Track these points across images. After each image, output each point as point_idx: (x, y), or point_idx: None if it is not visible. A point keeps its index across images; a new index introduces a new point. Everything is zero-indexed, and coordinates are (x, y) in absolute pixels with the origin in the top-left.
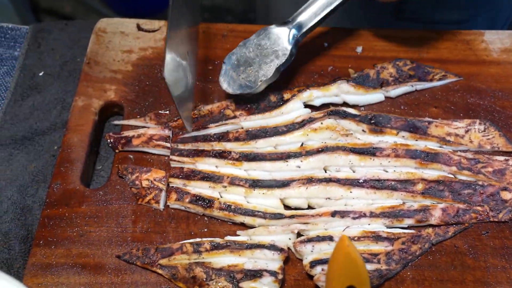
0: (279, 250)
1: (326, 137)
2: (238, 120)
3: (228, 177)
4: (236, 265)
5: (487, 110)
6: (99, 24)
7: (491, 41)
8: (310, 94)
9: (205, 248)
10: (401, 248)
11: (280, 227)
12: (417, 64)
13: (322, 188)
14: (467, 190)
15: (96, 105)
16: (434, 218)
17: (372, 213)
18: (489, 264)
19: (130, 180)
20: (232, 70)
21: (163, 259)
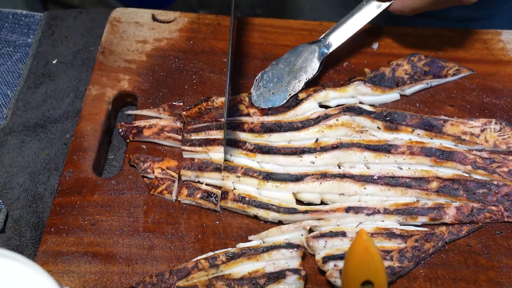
0: (296, 247)
1: (341, 134)
2: (251, 119)
3: (242, 168)
4: (257, 271)
5: (503, 110)
6: (114, 13)
7: (508, 41)
8: (326, 95)
9: (222, 261)
10: (414, 245)
11: (293, 225)
12: (431, 59)
13: (336, 183)
14: (482, 190)
15: (110, 94)
16: (448, 217)
17: (386, 210)
18: (502, 264)
19: (141, 168)
20: (263, 86)
21: (181, 281)
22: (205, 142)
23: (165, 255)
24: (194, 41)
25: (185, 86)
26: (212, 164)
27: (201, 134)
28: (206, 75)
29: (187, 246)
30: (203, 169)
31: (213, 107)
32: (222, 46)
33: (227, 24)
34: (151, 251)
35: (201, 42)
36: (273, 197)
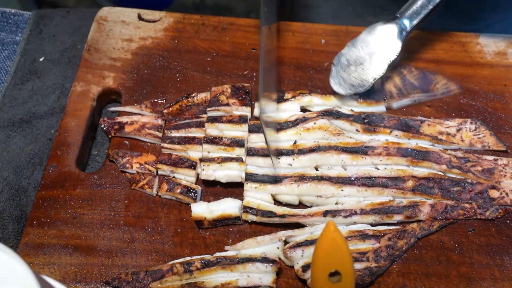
0: (272, 262)
1: (318, 137)
2: (230, 108)
3: (219, 158)
4: (229, 283)
5: (478, 111)
6: (101, 12)
7: (485, 43)
8: (310, 100)
9: (196, 267)
10: (388, 244)
11: (269, 236)
12: (421, 71)
13: (314, 185)
14: (456, 188)
15: (95, 91)
16: (423, 214)
17: (363, 210)
18: (474, 260)
19: (120, 163)
20: (343, 70)
21: (154, 282)
22: (185, 140)
23: (144, 248)
24: (178, 40)
25: (169, 84)
26: (187, 161)
27: (181, 131)
28: (189, 73)
29: (167, 239)
30: (178, 165)
31: (193, 103)
32: (206, 46)
33: (212, 24)
34: (131, 244)
35: (185, 41)
36: (252, 197)
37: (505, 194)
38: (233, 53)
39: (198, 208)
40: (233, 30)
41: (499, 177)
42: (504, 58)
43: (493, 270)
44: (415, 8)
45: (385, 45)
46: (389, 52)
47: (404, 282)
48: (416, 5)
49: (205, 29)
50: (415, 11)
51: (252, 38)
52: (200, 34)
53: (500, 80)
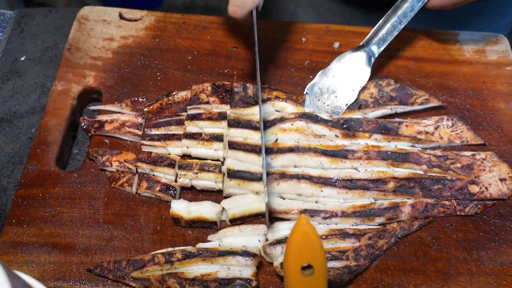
0: (252, 256)
1: (294, 138)
2: (211, 106)
3: (197, 164)
4: (209, 274)
5: (457, 108)
6: (82, 11)
7: (465, 41)
8: (285, 107)
9: (177, 258)
10: (368, 243)
11: (251, 226)
12: (401, 85)
13: (294, 184)
14: (437, 186)
15: (75, 90)
16: (404, 215)
17: (344, 213)
18: (451, 255)
19: (100, 162)
20: (316, 99)
21: (135, 272)
22: (164, 137)
23: (123, 246)
24: (159, 39)
25: (150, 83)
26: (167, 159)
27: (161, 129)
28: (170, 72)
29: (146, 237)
30: (157, 163)
31: (174, 101)
32: (187, 44)
33: (193, 23)
34: (110, 242)
35: (166, 40)
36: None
37: (485, 188)
38: (214, 52)
39: (177, 205)
40: (214, 29)
41: (479, 172)
42: (483, 55)
43: (470, 265)
44: (381, 35)
45: (355, 73)
46: (359, 79)
47: (382, 278)
48: (382, 33)
49: (186, 28)
50: (382, 38)
51: (233, 36)
52: (181, 32)
53: (479, 78)
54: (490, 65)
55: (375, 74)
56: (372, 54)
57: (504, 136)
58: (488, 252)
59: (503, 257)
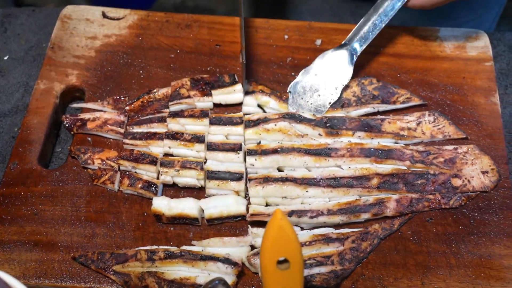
0: (233, 264)
1: (278, 138)
2: (192, 100)
3: (179, 161)
4: (188, 278)
5: (438, 103)
6: (65, 10)
7: (445, 37)
8: (268, 102)
9: (159, 257)
10: (352, 246)
11: (236, 238)
12: (383, 84)
13: (279, 187)
14: (420, 180)
15: (58, 89)
16: (390, 210)
17: (330, 211)
18: (430, 249)
19: (82, 159)
20: (300, 97)
21: (117, 265)
22: (146, 136)
23: (105, 243)
24: (142, 38)
25: (132, 81)
26: (149, 156)
27: (143, 127)
28: (153, 70)
29: (128, 234)
30: (139, 160)
31: (155, 99)
32: (169, 42)
33: (176, 21)
34: (92, 239)
35: (149, 38)
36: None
37: (467, 182)
38: (196, 50)
39: (159, 202)
40: (196, 27)
41: (461, 165)
42: (463, 51)
43: (449, 258)
44: (363, 33)
45: (337, 71)
46: (342, 77)
47: (362, 272)
48: (363, 31)
49: (169, 26)
50: (363, 37)
51: (215, 34)
52: (164, 31)
53: (459, 73)
54: (470, 61)
55: (357, 71)
56: (355, 52)
57: (484, 130)
58: (467, 245)
59: (482, 249)
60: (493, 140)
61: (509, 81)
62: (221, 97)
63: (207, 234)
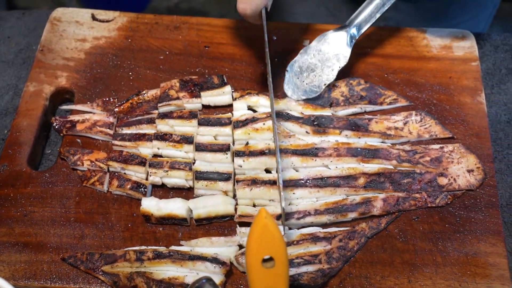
0: (221, 264)
1: (267, 137)
2: (181, 101)
3: (168, 162)
4: (176, 278)
5: (424, 103)
6: (55, 13)
7: (432, 38)
8: (257, 101)
9: (148, 257)
10: (339, 245)
11: (224, 238)
12: (370, 85)
13: (266, 190)
14: (407, 179)
15: (47, 91)
16: (376, 209)
17: (317, 211)
18: (417, 247)
19: (72, 161)
20: (296, 77)
21: (106, 266)
22: (135, 137)
23: (95, 243)
24: (132, 39)
25: (122, 83)
26: (138, 157)
27: (132, 128)
28: (142, 71)
29: (117, 235)
30: (128, 162)
31: (144, 100)
32: (158, 44)
33: (165, 23)
34: (81, 240)
35: (138, 40)
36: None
37: (453, 180)
38: (185, 51)
39: (147, 203)
40: (185, 29)
41: (447, 164)
42: (449, 51)
43: (435, 256)
44: (364, 17)
45: (335, 52)
46: (339, 59)
47: (349, 270)
48: (364, 14)
49: (158, 28)
50: (364, 20)
51: (204, 36)
52: (153, 33)
53: (445, 73)
54: (456, 61)
55: (345, 71)
56: (354, 35)
57: (470, 129)
58: (454, 243)
59: (468, 247)
60: (479, 139)
61: (495, 80)
62: (210, 98)
63: (196, 234)
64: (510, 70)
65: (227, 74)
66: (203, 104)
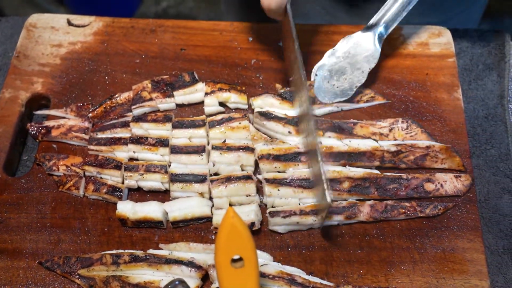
0: (197, 268)
1: (242, 136)
2: (155, 102)
3: (143, 165)
4: (152, 282)
5: (401, 100)
6: (30, 19)
7: (408, 35)
8: (229, 97)
9: (124, 260)
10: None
11: (202, 245)
12: None
13: (241, 185)
14: (392, 185)
15: (23, 97)
16: (363, 215)
17: (302, 211)
18: (394, 244)
19: (47, 166)
20: (326, 81)
21: (83, 269)
22: (111, 141)
23: (71, 248)
24: (108, 44)
25: (98, 87)
26: (113, 161)
27: (107, 132)
28: (118, 75)
29: (93, 239)
30: (104, 166)
31: (117, 104)
32: (134, 48)
33: (141, 27)
34: (57, 245)
35: (114, 44)
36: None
37: (440, 186)
38: (161, 54)
39: (123, 207)
40: (161, 32)
41: (431, 163)
42: (426, 48)
43: (413, 253)
44: (390, 15)
45: (365, 54)
46: (369, 60)
47: (327, 269)
48: (391, 13)
49: (134, 32)
50: (391, 19)
51: (180, 38)
52: (129, 36)
53: (422, 69)
54: (433, 57)
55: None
56: (381, 34)
57: (447, 126)
58: (431, 240)
59: (445, 243)
60: (456, 135)
61: (472, 76)
62: (183, 97)
63: (173, 237)
64: (487, 65)
65: (203, 76)
66: (177, 103)
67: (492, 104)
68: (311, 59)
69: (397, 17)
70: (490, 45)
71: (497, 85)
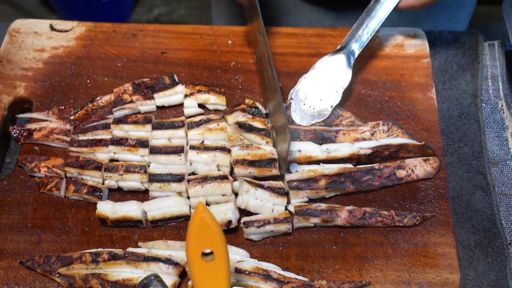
0: (175, 265)
1: (220, 138)
2: (135, 104)
3: (123, 166)
4: (130, 279)
5: (376, 100)
6: (14, 24)
7: (384, 37)
8: (208, 99)
9: (103, 258)
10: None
11: (179, 243)
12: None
13: (217, 185)
14: (367, 176)
15: (6, 101)
16: (340, 219)
17: (276, 219)
18: (369, 240)
19: (29, 168)
20: (302, 103)
21: (63, 268)
22: (92, 143)
23: (51, 248)
24: (90, 48)
25: (80, 90)
26: (94, 162)
27: (88, 134)
28: (100, 79)
29: (74, 239)
30: (85, 167)
31: (99, 106)
32: (116, 52)
33: (122, 31)
34: (38, 245)
35: (96, 48)
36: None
37: (411, 171)
38: (142, 58)
39: (103, 206)
40: (142, 36)
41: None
42: (401, 49)
43: (386, 249)
44: (358, 37)
45: (337, 75)
46: (341, 80)
47: (302, 265)
48: (358, 34)
49: (115, 36)
50: (359, 40)
51: (161, 42)
52: (111, 41)
53: (397, 70)
54: (408, 58)
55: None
56: (352, 55)
57: (421, 124)
58: (404, 235)
59: (417, 238)
60: (430, 133)
61: (447, 76)
62: (163, 99)
63: (152, 236)
64: (461, 66)
65: (184, 78)
66: (157, 105)
67: (465, 103)
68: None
69: (365, 38)
70: (464, 46)
71: (470, 84)
